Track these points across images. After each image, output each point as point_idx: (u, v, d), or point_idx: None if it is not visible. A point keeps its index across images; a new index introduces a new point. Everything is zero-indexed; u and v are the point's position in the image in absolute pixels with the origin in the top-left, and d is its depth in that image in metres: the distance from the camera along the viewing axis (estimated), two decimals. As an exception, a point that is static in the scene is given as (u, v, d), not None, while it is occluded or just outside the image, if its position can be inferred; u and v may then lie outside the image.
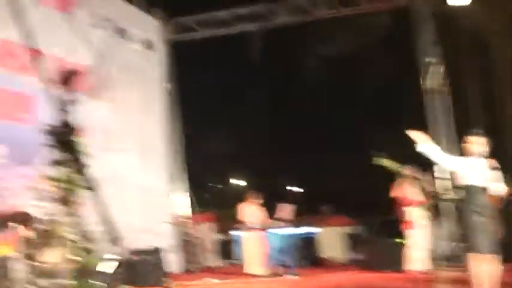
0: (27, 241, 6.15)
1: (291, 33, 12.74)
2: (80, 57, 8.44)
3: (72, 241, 6.14)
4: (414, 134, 4.97)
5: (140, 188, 10.07)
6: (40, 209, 7.07)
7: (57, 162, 5.81)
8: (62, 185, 5.68)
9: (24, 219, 6.28)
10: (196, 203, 12.55)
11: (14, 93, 7.76)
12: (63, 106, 2.44)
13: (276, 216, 9.70)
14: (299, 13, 11.02)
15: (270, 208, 10.11)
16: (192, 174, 12.45)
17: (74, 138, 1.70)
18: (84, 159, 1.67)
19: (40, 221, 6.30)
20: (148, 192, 10.32)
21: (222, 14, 11.22)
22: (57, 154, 5.72)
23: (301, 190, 36.27)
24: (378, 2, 10.77)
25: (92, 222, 6.06)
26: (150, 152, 10.51)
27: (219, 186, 33.58)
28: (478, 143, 4.94)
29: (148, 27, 10.85)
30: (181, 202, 11.77)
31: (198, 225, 12.31)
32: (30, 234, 6.26)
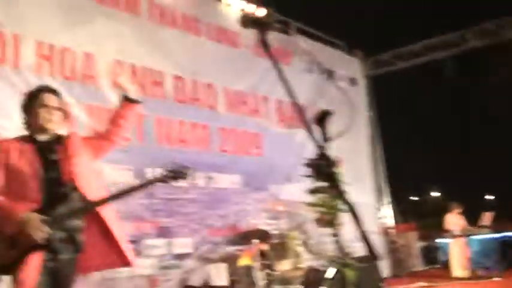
0: (264, 253, 6.69)
1: (481, 56, 12.29)
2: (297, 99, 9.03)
3: (301, 253, 6.61)
4: None
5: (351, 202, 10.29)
6: (273, 226, 7.69)
7: (315, 191, 6.32)
8: (322, 209, 6.19)
9: (262, 235, 6.73)
10: (399, 215, 12.52)
11: (247, 132, 8.51)
12: (320, 142, 2.62)
13: (479, 223, 9.43)
14: (487, 36, 10.59)
15: (469, 216, 9.98)
16: (394, 189, 12.48)
17: (334, 169, 1.79)
18: (342, 187, 1.87)
19: (274, 236, 6.85)
20: (359, 206, 10.50)
21: (415, 46, 11.25)
22: (316, 183, 6.24)
23: (494, 197, 34.22)
24: None
25: (350, 239, 6.49)
26: (358, 172, 10.81)
27: (418, 198, 32.96)
28: None
29: (351, 66, 11.21)
30: (386, 214, 11.79)
31: (402, 234, 12.26)
32: (266, 247, 6.82)
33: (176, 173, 3.29)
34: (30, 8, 5.92)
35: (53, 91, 3.29)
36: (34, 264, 2.89)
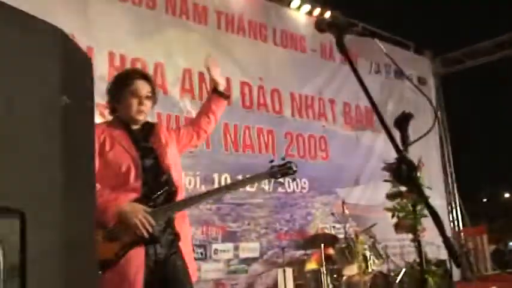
0: (331, 258, 6.67)
1: None
2: (365, 101, 9.00)
3: (369, 257, 6.54)
4: None
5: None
6: (340, 230, 7.66)
7: (395, 195, 6.27)
8: (402, 214, 6.12)
9: (329, 239, 6.75)
10: (468, 217, 12.16)
11: (313, 136, 8.50)
12: (402, 146, 2.53)
13: None
14: None
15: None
16: (464, 191, 12.19)
17: (414, 174, 1.74)
18: (424, 191, 1.84)
19: (341, 240, 6.82)
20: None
21: (484, 44, 10.95)
22: (394, 188, 6.18)
23: None
24: None
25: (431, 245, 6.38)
26: (429, 174, 10.59)
27: (488, 200, 31.96)
28: None
29: (420, 66, 11.03)
30: (456, 217, 11.52)
31: (472, 237, 11.93)
32: (333, 252, 6.79)
33: (284, 169, 3.09)
34: (101, 19, 6.12)
35: (145, 76, 3.10)
36: (137, 258, 2.71)
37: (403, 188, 6.25)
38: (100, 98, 5.79)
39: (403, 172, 1.68)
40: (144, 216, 2.72)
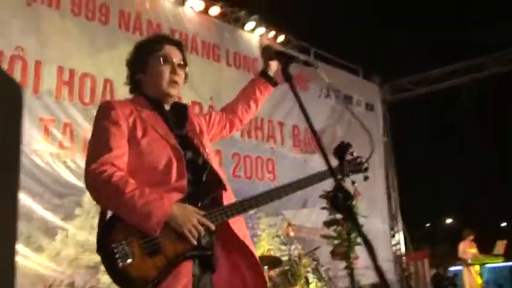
0: (272, 280, 6.75)
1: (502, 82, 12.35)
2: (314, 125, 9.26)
3: (311, 279, 6.68)
4: None
5: (366, 229, 10.43)
6: (284, 252, 7.79)
7: (331, 223, 6.40)
8: (337, 241, 6.29)
9: (272, 261, 6.78)
10: (411, 242, 12.51)
11: (261, 158, 8.67)
12: (339, 174, 2.48)
13: (493, 251, 9.49)
14: (509, 63, 10.65)
15: (481, 243, 10.01)
16: (407, 215, 12.52)
17: (350, 203, 1.76)
18: (358, 220, 1.92)
19: (285, 262, 6.92)
20: (372, 233, 10.67)
21: (434, 72, 11.35)
22: (332, 215, 6.32)
23: (508, 224, 34.15)
24: None
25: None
26: (373, 198, 10.94)
27: (430, 225, 32.89)
28: None
29: (369, 92, 11.37)
30: (399, 241, 11.84)
31: (414, 261, 12.27)
32: (275, 274, 6.87)
33: (356, 166, 2.70)
34: (53, 34, 6.14)
35: (176, 43, 2.62)
36: (186, 276, 2.18)
37: (339, 216, 6.47)
38: (47, 112, 5.85)
39: (339, 200, 1.75)
40: (200, 222, 2.22)
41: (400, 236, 11.82)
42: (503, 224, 34.77)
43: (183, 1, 7.69)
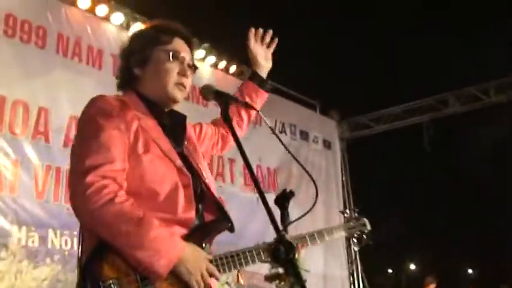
0: None
1: (462, 120, 12.68)
2: (269, 162, 9.29)
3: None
4: None
5: (322, 276, 10.64)
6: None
7: (272, 277, 6.35)
8: None
9: None
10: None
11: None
12: (282, 226, 2.35)
13: None
14: (470, 102, 10.96)
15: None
16: (366, 260, 12.52)
17: (292, 256, 1.71)
18: (301, 274, 1.88)
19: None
20: (331, 279, 10.86)
21: (394, 109, 11.58)
22: (275, 269, 6.28)
23: (475, 271, 34.90)
24: None
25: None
26: (331, 243, 10.90)
27: (392, 271, 33.25)
28: None
29: (327, 128, 11.52)
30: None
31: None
32: None
33: (361, 228, 2.62)
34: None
35: (188, 38, 2.37)
36: None
37: (281, 270, 6.42)
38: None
39: (281, 253, 1.72)
40: (209, 271, 2.00)
41: (359, 282, 11.73)
42: (470, 271, 35.45)
43: (128, 26, 7.63)
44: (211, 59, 8.83)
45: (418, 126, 11.44)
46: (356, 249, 11.47)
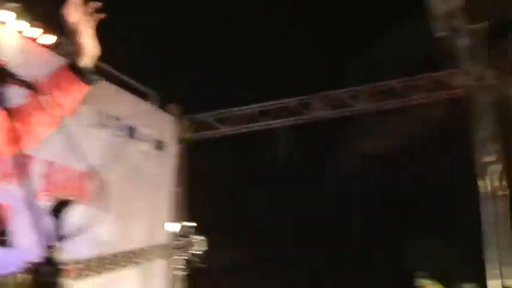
0: None
1: (325, 127, 12.98)
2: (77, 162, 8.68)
3: None
4: None
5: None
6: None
7: None
8: None
9: None
10: None
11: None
12: (51, 241, 2.29)
13: None
14: (336, 107, 11.21)
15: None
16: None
17: (59, 280, 1.75)
18: None
19: None
20: None
21: (246, 109, 11.50)
22: None
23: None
24: (429, 92, 10.89)
25: None
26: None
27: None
28: None
29: (161, 125, 11.26)
30: None
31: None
32: None
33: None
34: None
35: None
36: None
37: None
38: None
39: (45, 277, 1.75)
40: None
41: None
42: None
43: None
44: (20, 24, 8.14)
45: (275, 131, 11.69)
46: (181, 274, 11.47)
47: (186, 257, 9.90)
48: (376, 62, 12.17)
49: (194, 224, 9.69)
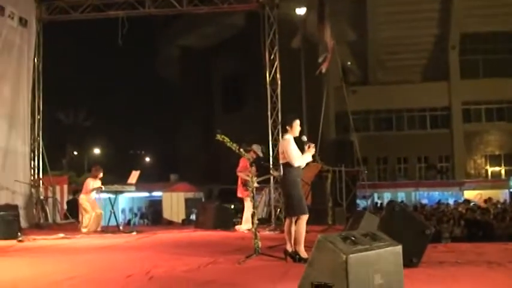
0: None
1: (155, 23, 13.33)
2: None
3: None
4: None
5: (5, 150, 10.94)
6: None
7: None
8: None
9: None
10: (51, 167, 12.94)
11: None
12: None
13: (128, 181, 10.16)
14: (165, 6, 11.76)
15: (123, 174, 10.80)
16: (51, 141, 12.73)
17: None
18: None
19: None
20: (12, 154, 11.18)
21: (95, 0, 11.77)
22: None
23: (151, 160, 37.94)
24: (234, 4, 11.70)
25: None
26: (16, 119, 11.30)
27: (76, 153, 34.10)
28: (298, 125, 5.63)
29: (25, 6, 11.32)
30: (38, 165, 12.17)
31: (51, 186, 12.77)
32: None
33: None
34: None
35: None
36: None
37: None
38: None
39: None
40: None
41: (39, 160, 12.13)
42: (147, 158, 38.33)
43: None
44: None
45: (116, 20, 11.83)
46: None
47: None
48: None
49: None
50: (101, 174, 10.08)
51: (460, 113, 28.78)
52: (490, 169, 29.24)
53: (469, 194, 22.89)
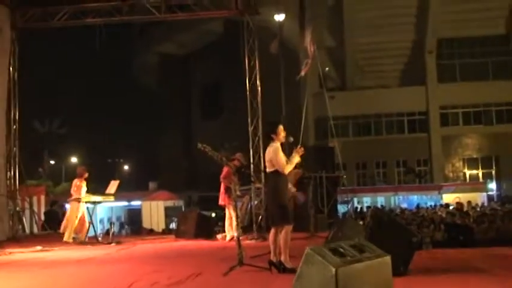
0: None
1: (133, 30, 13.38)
2: None
3: None
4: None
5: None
6: None
7: None
8: None
9: None
10: (28, 177, 12.75)
11: None
12: None
13: (106, 191, 10.08)
14: (142, 13, 11.67)
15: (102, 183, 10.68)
16: (27, 150, 12.61)
17: None
18: None
19: None
20: None
21: (71, 8, 11.64)
22: None
23: (130, 168, 37.72)
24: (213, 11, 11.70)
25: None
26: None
27: (53, 162, 33.79)
28: (282, 131, 5.52)
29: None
30: (14, 175, 11.94)
31: (28, 197, 12.59)
32: None
33: None
34: None
35: None
36: None
37: None
38: None
39: None
40: None
41: (16, 170, 11.93)
42: (125, 167, 38.07)
43: None
44: None
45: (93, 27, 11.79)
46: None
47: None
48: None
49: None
50: (87, 175, 10.01)
51: (438, 117, 28.94)
52: (468, 172, 29.43)
53: (448, 198, 23.06)
